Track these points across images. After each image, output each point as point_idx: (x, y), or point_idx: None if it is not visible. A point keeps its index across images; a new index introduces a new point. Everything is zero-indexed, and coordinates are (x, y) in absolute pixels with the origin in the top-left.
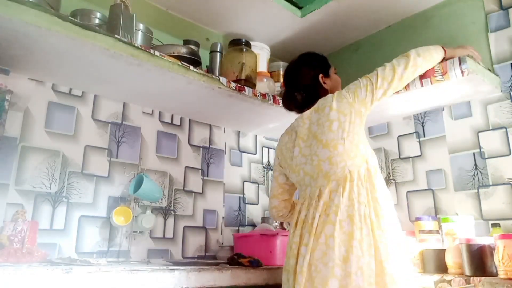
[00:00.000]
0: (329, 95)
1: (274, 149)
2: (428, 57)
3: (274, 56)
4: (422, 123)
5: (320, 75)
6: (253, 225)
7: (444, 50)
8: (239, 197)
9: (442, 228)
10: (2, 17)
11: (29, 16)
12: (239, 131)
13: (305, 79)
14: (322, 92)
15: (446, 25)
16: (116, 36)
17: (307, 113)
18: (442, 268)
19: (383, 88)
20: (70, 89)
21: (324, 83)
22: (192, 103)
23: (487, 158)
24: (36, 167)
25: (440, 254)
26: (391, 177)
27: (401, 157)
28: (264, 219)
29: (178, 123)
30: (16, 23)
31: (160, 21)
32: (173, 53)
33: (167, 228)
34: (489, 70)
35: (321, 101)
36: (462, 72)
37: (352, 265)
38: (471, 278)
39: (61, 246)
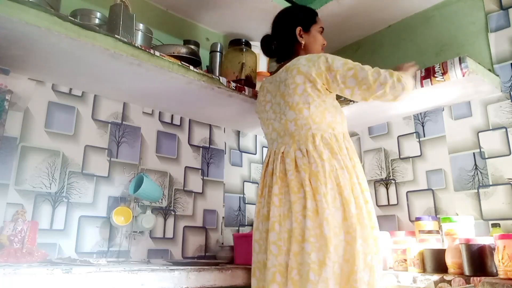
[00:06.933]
0: (303, 57)
1: None
2: (403, 85)
3: None
4: (422, 123)
5: (298, 28)
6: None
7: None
8: (239, 197)
9: (442, 228)
10: (2, 17)
11: (29, 16)
12: (239, 131)
13: (281, 30)
14: (297, 46)
15: (446, 25)
16: (116, 36)
17: (280, 70)
18: (442, 268)
19: (352, 93)
20: (70, 89)
21: (301, 36)
22: (192, 103)
23: (487, 158)
24: (36, 167)
25: (440, 254)
26: (391, 177)
27: (401, 157)
28: None
29: (178, 123)
30: (16, 23)
31: (160, 21)
32: (173, 53)
33: (167, 228)
34: (489, 70)
35: (294, 61)
36: (463, 72)
37: (320, 216)
38: (471, 278)
39: (61, 246)
